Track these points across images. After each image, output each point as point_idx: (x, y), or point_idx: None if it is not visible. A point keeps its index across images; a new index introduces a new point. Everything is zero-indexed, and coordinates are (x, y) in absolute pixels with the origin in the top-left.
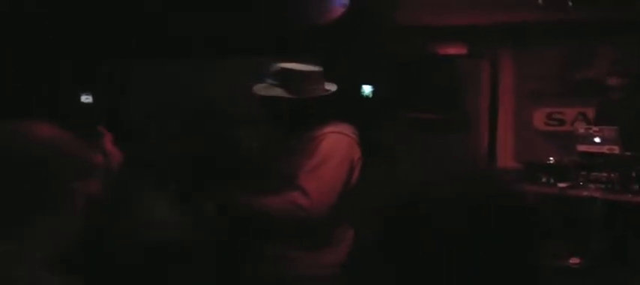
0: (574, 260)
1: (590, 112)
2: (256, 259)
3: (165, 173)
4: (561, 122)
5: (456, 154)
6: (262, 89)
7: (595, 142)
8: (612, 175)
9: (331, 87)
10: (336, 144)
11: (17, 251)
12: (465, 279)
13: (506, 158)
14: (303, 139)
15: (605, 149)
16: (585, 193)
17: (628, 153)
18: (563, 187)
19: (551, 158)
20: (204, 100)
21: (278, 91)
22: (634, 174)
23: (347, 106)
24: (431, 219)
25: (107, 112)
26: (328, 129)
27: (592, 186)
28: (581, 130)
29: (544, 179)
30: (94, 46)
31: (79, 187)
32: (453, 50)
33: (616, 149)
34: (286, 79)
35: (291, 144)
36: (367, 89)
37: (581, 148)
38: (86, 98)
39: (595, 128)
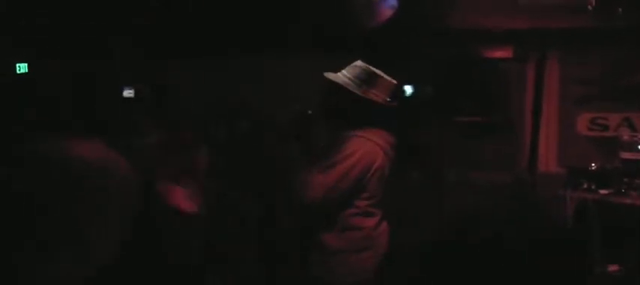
0: (613, 267)
1: (636, 118)
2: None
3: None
4: (605, 127)
5: (499, 158)
6: (332, 75)
7: (639, 150)
8: None
9: (393, 102)
10: (357, 147)
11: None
12: None
13: (548, 163)
14: (340, 136)
15: None
16: (627, 201)
17: None
18: (604, 194)
19: (593, 164)
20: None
21: (347, 82)
22: None
23: (391, 109)
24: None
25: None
26: (359, 132)
27: (634, 193)
28: (626, 137)
29: (586, 185)
30: (143, 43)
31: (124, 208)
32: (499, 53)
33: None
34: (360, 76)
35: (330, 138)
36: (408, 89)
37: (625, 155)
38: (128, 93)
39: (639, 135)
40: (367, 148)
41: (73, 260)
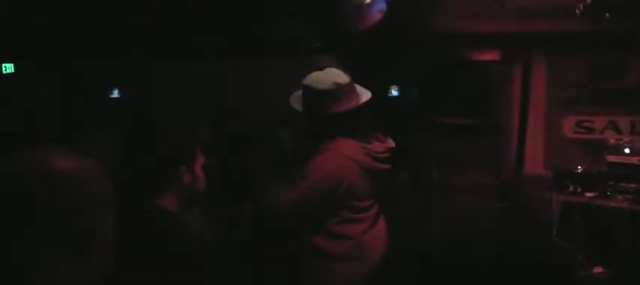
0: (598, 270)
1: (621, 122)
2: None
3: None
4: (590, 130)
5: (486, 160)
6: (291, 98)
7: (625, 153)
8: None
9: (359, 99)
10: (326, 162)
11: None
12: None
13: (535, 165)
14: (314, 150)
15: (635, 160)
16: (613, 204)
17: None
18: (590, 197)
19: (579, 167)
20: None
21: (297, 106)
22: None
23: (378, 111)
24: None
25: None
26: (331, 145)
27: (619, 197)
28: (612, 141)
29: (572, 188)
30: (122, 44)
31: (103, 223)
32: (487, 56)
33: None
34: (305, 95)
35: (305, 152)
36: (395, 91)
37: (611, 158)
38: (115, 94)
39: (625, 139)
40: (336, 162)
41: (72, 272)
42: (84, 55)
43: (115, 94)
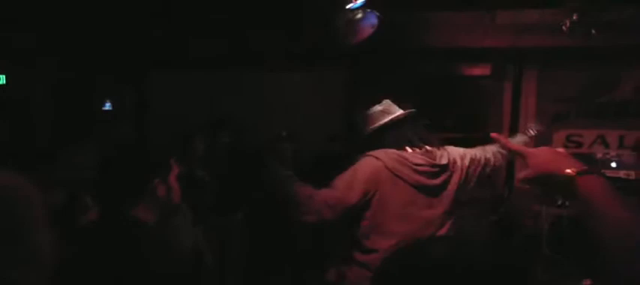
0: (587, 282)
1: (609, 136)
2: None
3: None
4: (579, 145)
5: None
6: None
7: (612, 167)
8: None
9: (391, 116)
10: (360, 166)
11: None
12: None
13: None
14: (355, 160)
15: (621, 174)
16: None
17: None
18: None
19: None
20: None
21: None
22: None
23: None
24: None
25: (130, 126)
26: (368, 152)
27: None
28: (599, 155)
29: (560, 201)
30: (119, 57)
31: (39, 238)
32: (478, 71)
33: (632, 175)
34: (360, 123)
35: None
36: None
37: None
38: (107, 106)
39: (612, 153)
40: (371, 165)
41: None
42: (80, 61)
43: (108, 106)
